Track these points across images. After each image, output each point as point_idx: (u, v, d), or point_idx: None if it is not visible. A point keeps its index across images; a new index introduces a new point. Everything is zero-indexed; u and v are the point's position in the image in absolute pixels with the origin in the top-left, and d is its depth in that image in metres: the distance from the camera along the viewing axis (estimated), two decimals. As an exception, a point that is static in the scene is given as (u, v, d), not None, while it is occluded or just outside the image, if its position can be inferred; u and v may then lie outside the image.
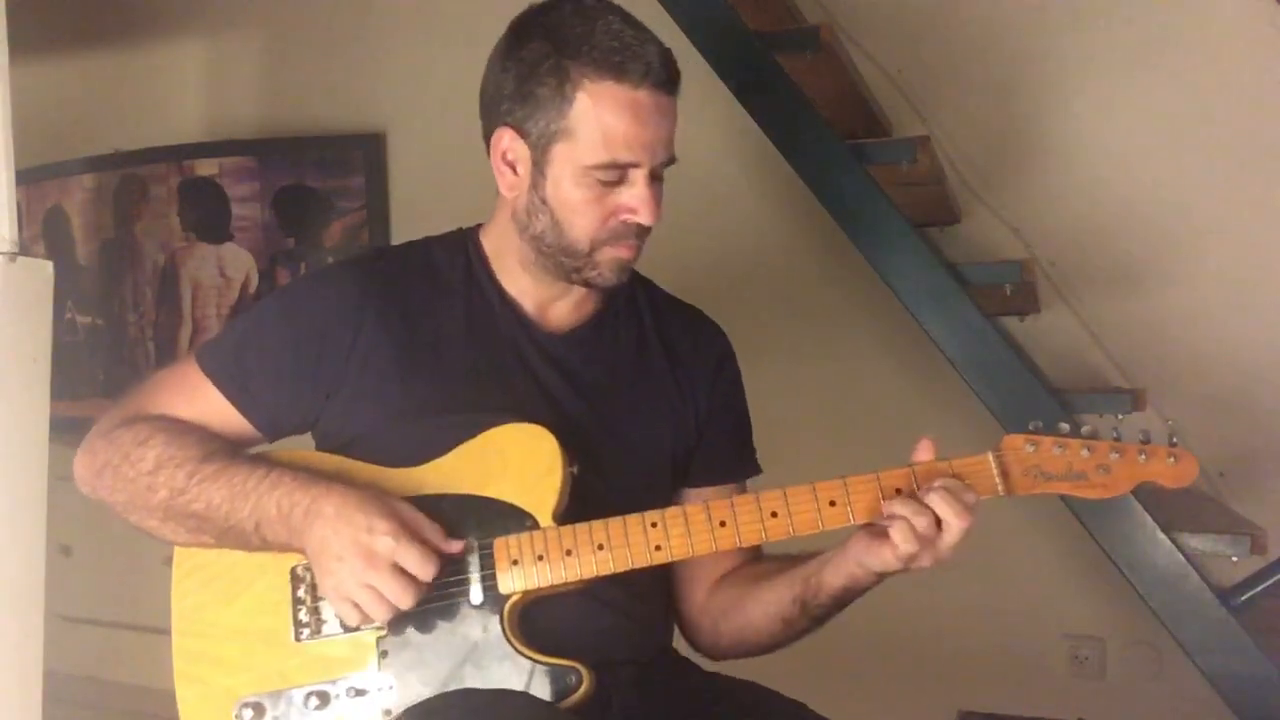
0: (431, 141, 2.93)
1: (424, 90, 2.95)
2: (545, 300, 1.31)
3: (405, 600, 1.12)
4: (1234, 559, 1.87)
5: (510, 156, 1.23)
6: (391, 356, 1.25)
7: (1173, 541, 1.87)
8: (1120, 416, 2.05)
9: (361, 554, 1.11)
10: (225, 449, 1.23)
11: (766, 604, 1.29)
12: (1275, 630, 1.89)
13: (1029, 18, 2.40)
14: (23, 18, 1.83)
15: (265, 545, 1.18)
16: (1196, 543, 1.89)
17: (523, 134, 1.21)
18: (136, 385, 1.32)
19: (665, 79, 1.18)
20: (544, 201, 1.21)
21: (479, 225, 1.36)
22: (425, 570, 1.12)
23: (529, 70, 1.19)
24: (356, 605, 1.12)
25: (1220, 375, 2.27)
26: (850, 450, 2.53)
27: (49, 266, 1.82)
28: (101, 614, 3.20)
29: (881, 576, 1.19)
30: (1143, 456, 1.15)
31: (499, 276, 1.31)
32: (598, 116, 1.17)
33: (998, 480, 1.16)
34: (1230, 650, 1.84)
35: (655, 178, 1.21)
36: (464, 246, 1.33)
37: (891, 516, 1.13)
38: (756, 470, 1.42)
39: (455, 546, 1.16)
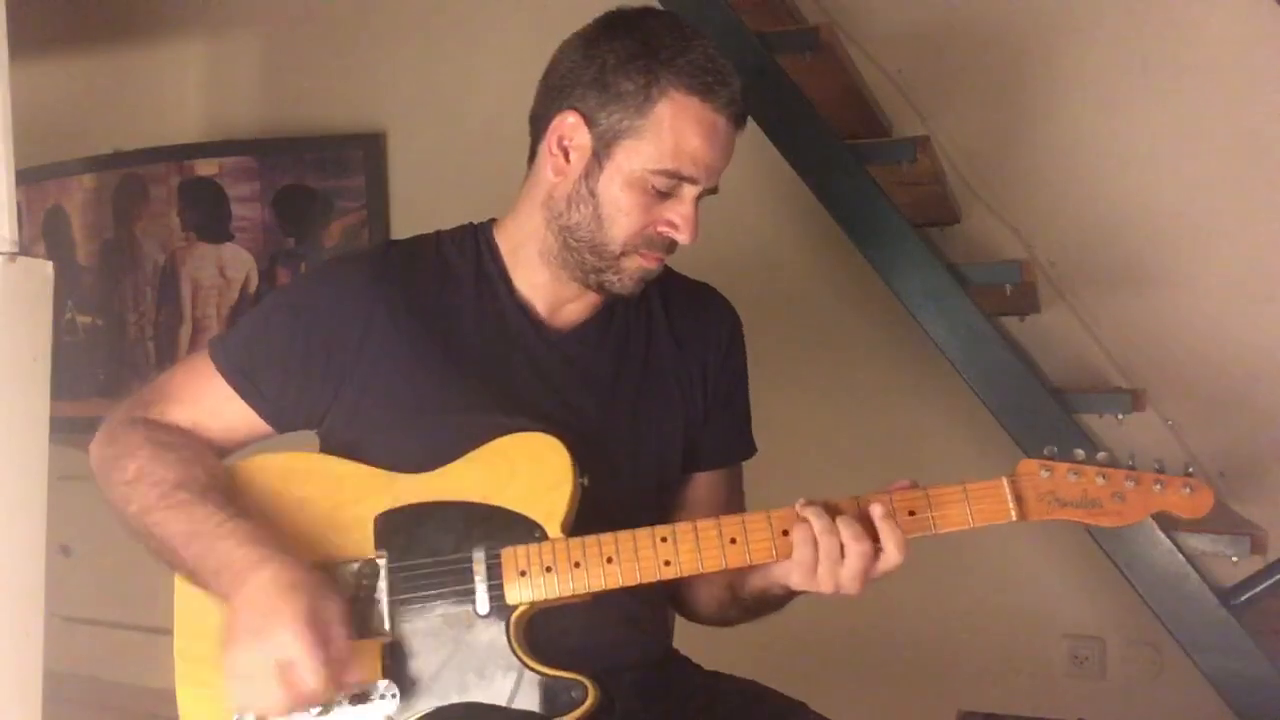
0: (431, 141, 2.93)
1: (424, 90, 2.95)
2: (558, 300, 1.30)
3: (273, 707, 1.05)
4: (1234, 559, 1.87)
5: (567, 142, 1.23)
6: (401, 353, 1.25)
7: (1173, 541, 1.88)
8: (1120, 416, 2.06)
9: (260, 641, 1.05)
10: (204, 476, 1.19)
11: (711, 584, 1.32)
12: (1275, 630, 1.89)
13: (1029, 18, 2.40)
14: (23, 18, 1.83)
15: (206, 589, 1.14)
16: (1196, 543, 1.89)
17: (589, 122, 1.21)
18: (156, 374, 1.30)
19: (740, 114, 1.23)
20: (592, 193, 1.22)
21: (492, 220, 1.35)
22: (304, 686, 1.04)
23: (616, 63, 1.19)
24: (246, 689, 1.07)
25: (1220, 375, 2.27)
26: (849, 450, 2.55)
27: (49, 266, 1.82)
28: (101, 614, 3.20)
29: (791, 592, 1.20)
30: (1158, 486, 1.15)
31: (512, 272, 1.30)
32: (675, 126, 1.19)
33: (1011, 506, 1.16)
34: (1230, 650, 1.84)
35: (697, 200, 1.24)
36: (474, 241, 1.33)
37: (800, 519, 1.14)
38: (754, 450, 1.43)
39: (354, 676, 1.08)
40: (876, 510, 1.14)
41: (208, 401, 1.27)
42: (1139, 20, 2.32)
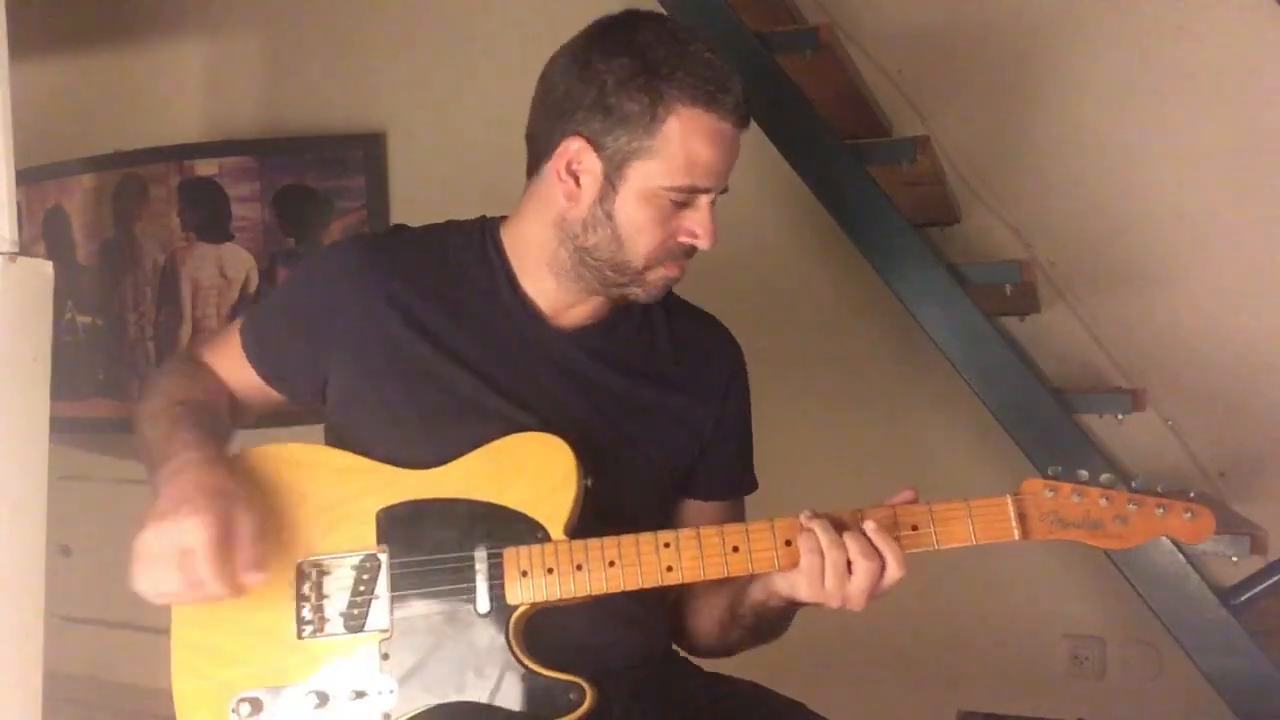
0: (431, 141, 2.93)
1: (424, 90, 2.95)
2: (561, 304, 1.30)
3: (167, 591, 1.09)
4: (1234, 559, 1.87)
5: (576, 167, 1.21)
6: (398, 340, 1.25)
7: (1173, 541, 1.87)
8: (1120, 416, 2.06)
9: (168, 524, 1.08)
10: (199, 398, 1.29)
11: (712, 606, 1.32)
12: (1275, 630, 1.89)
13: (1029, 18, 2.40)
14: (23, 18, 1.83)
15: (153, 482, 1.18)
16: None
17: (597, 147, 1.19)
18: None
19: (746, 115, 1.22)
20: (609, 216, 1.21)
21: (503, 217, 1.35)
22: (197, 575, 1.07)
23: (616, 84, 1.17)
24: (147, 568, 1.10)
25: (1220, 375, 2.27)
26: (849, 452, 2.55)
27: (49, 266, 1.81)
28: (101, 614, 3.20)
29: (792, 606, 1.22)
30: (1160, 510, 1.15)
31: (517, 273, 1.30)
32: (685, 141, 1.17)
33: (1014, 525, 1.16)
34: (1230, 650, 1.84)
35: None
36: (482, 236, 1.33)
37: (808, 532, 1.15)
38: (754, 485, 1.43)
39: (253, 579, 1.10)
40: (869, 525, 1.14)
41: (232, 354, 1.36)
42: (1139, 20, 2.32)
